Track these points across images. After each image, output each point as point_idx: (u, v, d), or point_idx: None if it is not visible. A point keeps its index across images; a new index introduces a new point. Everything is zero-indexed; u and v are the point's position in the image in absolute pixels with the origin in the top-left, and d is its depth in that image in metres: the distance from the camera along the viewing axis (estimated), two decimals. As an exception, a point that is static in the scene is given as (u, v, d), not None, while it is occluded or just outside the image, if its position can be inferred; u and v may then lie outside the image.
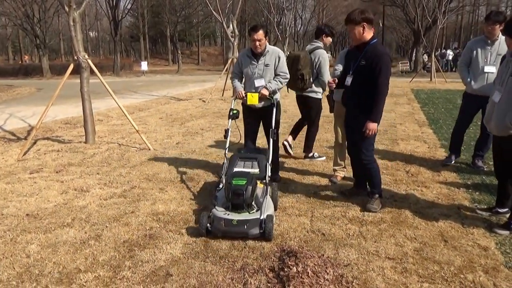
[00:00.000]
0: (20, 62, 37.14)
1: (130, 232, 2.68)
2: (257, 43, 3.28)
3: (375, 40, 2.86)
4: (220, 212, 2.58)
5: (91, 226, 2.79)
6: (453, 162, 4.19)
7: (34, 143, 5.56)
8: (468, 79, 3.95)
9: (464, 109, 4.13)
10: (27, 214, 3.02)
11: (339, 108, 3.41)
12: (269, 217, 2.51)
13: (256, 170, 2.87)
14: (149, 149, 5.05)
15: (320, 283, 2.00)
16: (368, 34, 2.83)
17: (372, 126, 2.82)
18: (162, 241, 2.54)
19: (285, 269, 2.09)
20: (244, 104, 3.50)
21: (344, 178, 3.71)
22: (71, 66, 5.20)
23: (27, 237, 2.62)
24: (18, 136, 6.22)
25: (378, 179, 3.07)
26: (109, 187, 3.63)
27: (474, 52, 3.89)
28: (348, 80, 2.96)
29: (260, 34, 3.23)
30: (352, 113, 3.01)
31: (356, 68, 2.89)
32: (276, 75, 3.40)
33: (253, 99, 3.27)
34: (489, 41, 3.82)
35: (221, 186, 2.92)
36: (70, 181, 3.81)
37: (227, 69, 11.22)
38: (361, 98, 2.87)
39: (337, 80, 3.12)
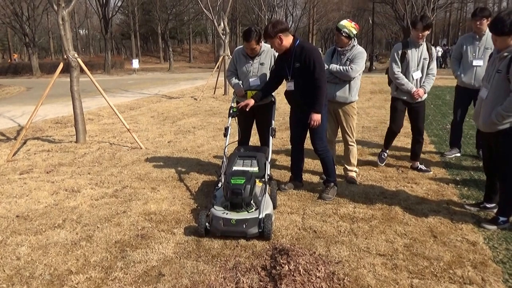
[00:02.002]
0: (9, 60, 36.38)
1: (122, 232, 2.66)
2: (250, 51, 3.29)
3: (298, 41, 3.03)
4: (218, 211, 2.58)
5: (83, 227, 2.76)
6: (454, 156, 4.36)
7: (24, 143, 5.47)
8: (458, 72, 4.21)
9: (457, 102, 4.39)
10: (17, 216, 2.98)
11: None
12: (268, 216, 2.51)
13: (255, 169, 2.88)
14: (141, 148, 5.02)
15: (312, 280, 2.02)
16: (287, 40, 3.00)
17: (316, 117, 3.03)
18: (154, 241, 2.53)
19: (277, 268, 2.11)
20: (238, 102, 3.50)
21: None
22: (61, 65, 5.12)
23: (17, 239, 2.59)
24: (7, 136, 6.11)
25: (332, 168, 3.26)
26: (101, 187, 3.60)
27: (464, 47, 4.13)
28: (290, 85, 3.11)
29: (253, 43, 3.21)
30: (301, 111, 3.13)
31: (292, 72, 3.05)
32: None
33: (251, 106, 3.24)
34: (477, 36, 4.06)
35: (220, 185, 2.91)
36: (60, 181, 3.77)
37: (218, 66, 11.18)
38: (307, 96, 3.03)
39: None
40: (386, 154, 4.03)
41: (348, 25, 3.32)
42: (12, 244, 2.53)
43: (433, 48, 3.71)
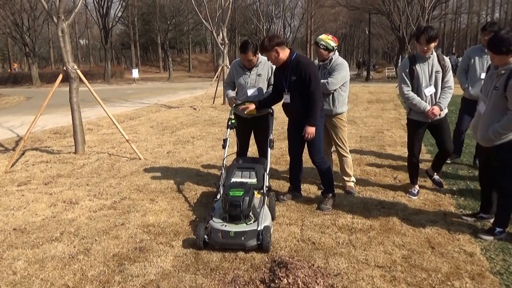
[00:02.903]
0: (9, 70, 36.55)
1: (120, 245, 2.65)
2: (248, 62, 3.35)
3: (294, 54, 3.08)
4: (217, 223, 2.58)
5: (80, 239, 2.75)
6: (452, 161, 4.47)
7: (23, 154, 5.47)
8: (466, 85, 4.21)
9: (462, 113, 4.39)
10: (14, 229, 2.97)
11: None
12: (266, 228, 2.52)
13: (254, 180, 2.89)
14: (140, 159, 5.03)
15: (310, 293, 2.01)
16: (284, 54, 3.05)
17: (310, 129, 3.07)
18: (153, 254, 2.52)
19: (276, 281, 2.10)
20: (235, 113, 3.54)
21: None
22: (60, 76, 5.17)
23: (14, 253, 2.57)
24: (5, 147, 6.11)
25: (330, 178, 3.29)
26: (99, 198, 3.60)
27: (472, 59, 4.15)
28: (287, 97, 3.16)
29: (250, 55, 3.28)
30: (298, 123, 3.17)
31: (289, 85, 3.10)
32: (269, 85, 3.46)
33: (251, 110, 3.28)
34: (485, 50, 4.02)
35: (218, 196, 2.91)
36: (59, 193, 3.76)
37: (217, 76, 11.28)
38: (303, 108, 3.08)
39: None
40: (417, 190, 3.51)
41: (325, 38, 3.39)
42: (8, 258, 2.51)
43: (446, 58, 3.29)
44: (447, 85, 3.25)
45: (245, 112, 3.26)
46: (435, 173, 3.68)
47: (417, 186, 3.54)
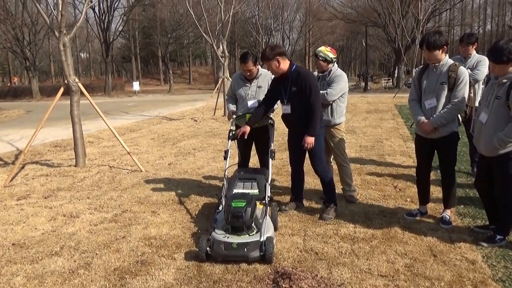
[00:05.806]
0: (9, 84, 36.80)
1: (121, 258, 2.63)
2: (248, 72, 3.42)
3: (294, 66, 3.15)
4: (219, 235, 2.57)
5: (81, 254, 2.73)
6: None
7: (22, 167, 5.47)
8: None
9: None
10: (13, 244, 2.94)
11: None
12: (269, 239, 2.51)
13: (256, 191, 2.90)
14: (141, 171, 5.03)
15: (314, 304, 2.00)
16: (284, 64, 3.11)
17: (310, 139, 3.10)
18: (154, 267, 2.50)
19: (279, 292, 2.09)
20: (236, 125, 3.57)
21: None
22: (62, 89, 5.21)
23: (13, 269, 2.54)
24: (5, 161, 6.11)
25: (332, 188, 3.31)
26: (100, 211, 3.58)
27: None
28: (287, 108, 3.20)
29: (250, 65, 3.36)
30: (298, 134, 3.19)
31: (289, 96, 3.15)
32: None
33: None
34: (463, 59, 4.25)
35: (220, 208, 2.91)
36: (59, 206, 3.74)
37: (218, 88, 11.39)
38: (303, 119, 3.12)
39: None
40: (417, 211, 3.22)
41: (324, 50, 3.45)
42: (7, 274, 2.48)
43: (461, 69, 2.84)
44: (453, 100, 2.81)
45: (245, 137, 3.26)
46: (445, 210, 3.11)
47: (425, 207, 3.22)
